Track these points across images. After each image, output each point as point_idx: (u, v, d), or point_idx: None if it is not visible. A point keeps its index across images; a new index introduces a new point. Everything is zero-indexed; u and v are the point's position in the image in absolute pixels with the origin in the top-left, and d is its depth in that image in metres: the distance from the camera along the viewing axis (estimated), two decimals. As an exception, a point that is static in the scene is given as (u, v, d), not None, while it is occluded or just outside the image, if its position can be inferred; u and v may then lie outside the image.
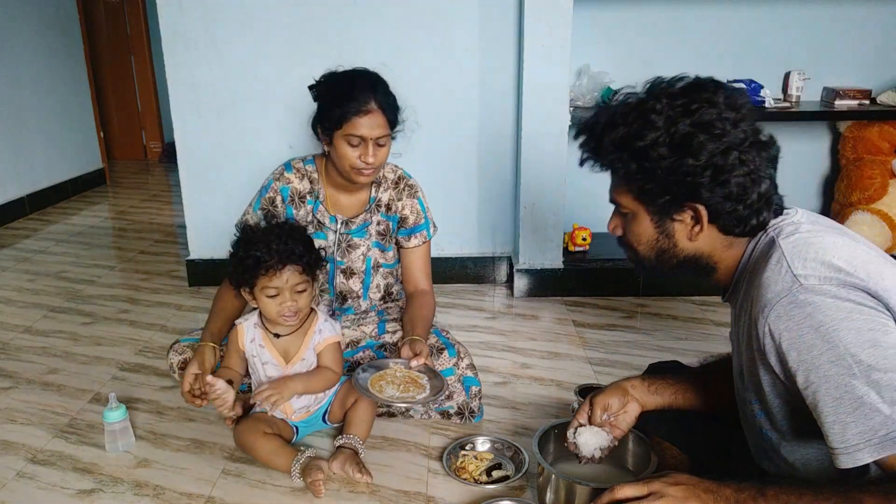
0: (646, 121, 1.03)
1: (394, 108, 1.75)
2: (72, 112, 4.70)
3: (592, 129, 1.12)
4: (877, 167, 2.76)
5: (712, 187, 1.02)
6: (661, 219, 1.09)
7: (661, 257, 1.13)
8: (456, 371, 1.85)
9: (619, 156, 1.06)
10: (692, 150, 1.01)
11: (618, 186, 1.13)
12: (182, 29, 2.65)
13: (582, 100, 2.80)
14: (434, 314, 1.95)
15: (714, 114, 1.01)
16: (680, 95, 1.04)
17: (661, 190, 1.05)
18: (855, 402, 0.90)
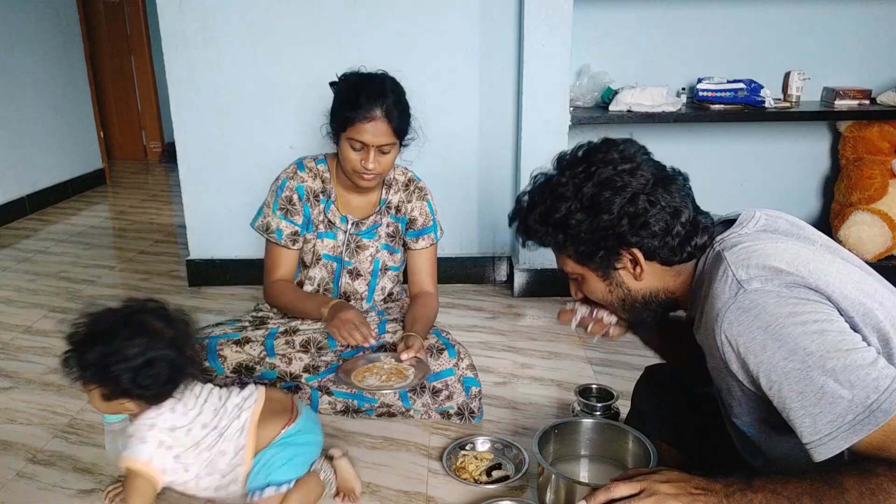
0: (556, 195, 1.13)
1: (402, 118, 1.75)
2: (72, 112, 4.70)
3: (517, 214, 1.23)
4: (877, 167, 2.76)
5: (635, 231, 1.10)
6: (606, 272, 1.17)
7: (624, 304, 1.20)
8: (456, 371, 1.85)
9: (545, 230, 1.16)
10: (602, 206, 1.10)
11: (559, 257, 1.22)
12: (182, 29, 2.65)
13: (582, 100, 2.80)
14: (436, 316, 1.96)
15: (610, 171, 1.11)
16: (579, 163, 1.14)
17: (593, 248, 1.13)
18: (817, 392, 0.92)
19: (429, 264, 2.00)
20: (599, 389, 1.87)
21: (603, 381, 2.00)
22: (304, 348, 1.91)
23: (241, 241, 2.92)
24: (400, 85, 1.80)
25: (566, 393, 2.04)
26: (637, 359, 2.26)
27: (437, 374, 1.85)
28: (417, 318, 1.87)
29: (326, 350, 1.93)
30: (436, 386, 1.85)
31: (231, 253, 2.94)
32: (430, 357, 1.85)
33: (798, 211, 3.09)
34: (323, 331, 1.95)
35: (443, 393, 1.86)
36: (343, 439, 1.83)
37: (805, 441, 0.94)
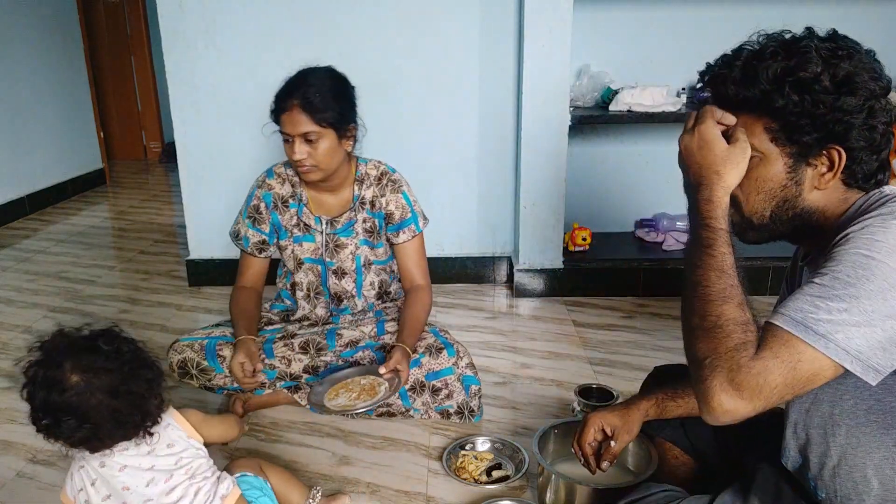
0: (805, 56, 1.00)
1: (324, 106, 1.74)
2: (72, 112, 4.70)
3: (732, 62, 1.07)
4: (877, 167, 2.76)
5: (862, 131, 0.99)
6: (798, 162, 1.03)
7: (779, 209, 1.06)
8: (455, 370, 1.85)
9: (778, 88, 1.00)
10: (854, 87, 0.98)
11: (749, 127, 1.05)
12: (182, 29, 2.65)
13: (582, 100, 2.80)
14: (428, 311, 1.94)
15: (866, 59, 1.02)
16: (827, 40, 1.04)
17: (814, 127, 1.00)
18: (842, 299, 0.88)
19: (416, 257, 1.97)
20: (599, 389, 1.87)
21: (603, 381, 2.00)
22: (303, 350, 1.92)
23: (241, 241, 2.92)
24: (335, 75, 1.82)
25: (566, 393, 2.04)
26: (637, 359, 2.26)
27: (437, 372, 1.85)
28: (406, 323, 1.87)
29: (326, 350, 1.93)
30: (435, 384, 1.85)
31: (231, 253, 2.94)
32: (429, 356, 1.86)
33: (798, 211, 3.09)
34: (321, 332, 1.96)
35: (442, 391, 1.86)
36: (343, 439, 1.83)
37: (792, 305, 0.91)
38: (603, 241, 2.95)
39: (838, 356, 0.87)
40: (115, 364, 1.14)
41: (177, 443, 1.23)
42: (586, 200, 2.98)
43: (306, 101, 1.73)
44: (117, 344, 1.16)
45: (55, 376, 1.13)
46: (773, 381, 0.87)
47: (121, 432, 1.15)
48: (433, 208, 2.48)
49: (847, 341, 0.87)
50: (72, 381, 1.12)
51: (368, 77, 1.85)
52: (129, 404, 1.14)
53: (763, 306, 1.76)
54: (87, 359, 1.13)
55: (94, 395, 1.11)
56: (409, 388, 1.86)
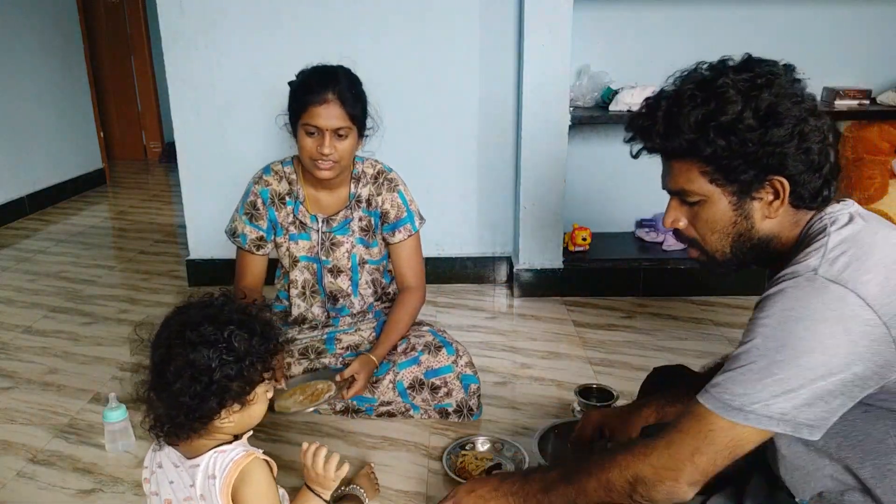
0: (723, 97, 0.98)
1: (355, 102, 1.74)
2: (72, 112, 4.70)
3: (654, 114, 1.05)
4: (877, 167, 2.76)
5: (797, 156, 0.98)
6: (741, 198, 1.03)
7: (737, 243, 1.07)
8: (454, 368, 1.86)
9: (703, 135, 0.99)
10: (780, 118, 0.97)
11: (684, 172, 1.05)
12: (182, 29, 2.65)
13: (582, 100, 2.80)
14: (414, 314, 1.95)
15: (783, 82, 0.99)
16: (742, 70, 1.01)
17: (748, 165, 0.99)
18: (750, 361, 0.93)
19: (410, 258, 1.96)
20: (599, 389, 1.87)
21: (603, 381, 2.00)
22: (303, 355, 1.92)
23: (241, 241, 2.92)
24: (355, 74, 1.80)
25: (566, 393, 2.04)
26: (637, 359, 2.26)
27: (436, 370, 1.86)
28: (385, 328, 1.89)
29: (326, 354, 1.93)
30: (434, 382, 1.86)
31: (231, 253, 2.92)
32: (428, 354, 1.86)
33: (798, 211, 3.09)
34: (320, 337, 1.96)
35: (441, 389, 1.86)
36: (343, 439, 1.83)
37: (711, 382, 0.97)
38: (603, 241, 2.95)
39: (761, 423, 0.91)
40: (208, 343, 1.07)
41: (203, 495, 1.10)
42: (586, 200, 2.98)
43: (342, 96, 1.71)
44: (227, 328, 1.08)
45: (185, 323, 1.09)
46: (684, 453, 0.96)
47: (168, 421, 1.09)
48: (433, 208, 2.48)
49: (766, 408, 0.91)
50: (189, 335, 1.07)
51: (368, 77, 1.85)
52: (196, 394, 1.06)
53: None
54: (215, 331, 1.07)
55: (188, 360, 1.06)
56: (407, 385, 1.86)
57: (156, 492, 1.18)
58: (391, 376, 1.87)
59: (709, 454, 0.95)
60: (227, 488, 1.07)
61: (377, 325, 1.99)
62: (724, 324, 2.51)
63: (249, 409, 1.12)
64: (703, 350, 2.31)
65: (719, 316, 2.59)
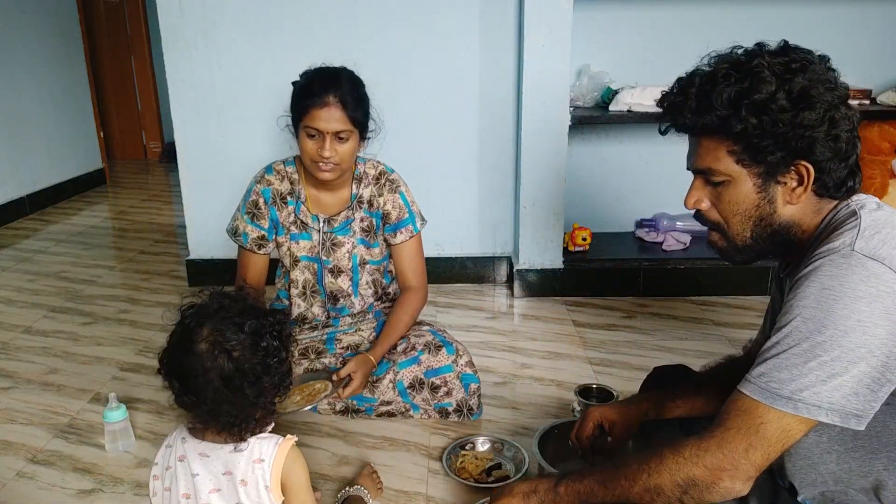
0: (758, 77, 0.99)
1: (356, 105, 1.74)
2: (72, 112, 4.70)
3: (687, 90, 1.05)
4: (877, 167, 2.76)
5: (826, 142, 0.99)
6: (766, 181, 1.04)
7: (758, 227, 1.07)
8: (454, 368, 1.86)
9: (735, 112, 1.00)
10: (811, 102, 0.98)
11: (712, 151, 1.05)
12: (182, 29, 2.65)
13: (582, 100, 2.80)
14: (414, 315, 1.95)
15: (820, 69, 1.01)
16: (778, 54, 1.02)
17: (777, 146, 1.00)
18: (796, 350, 0.92)
19: (411, 258, 1.97)
20: (599, 389, 1.87)
21: (603, 381, 2.00)
22: (303, 355, 1.92)
23: (241, 241, 2.92)
24: (358, 77, 1.80)
25: (566, 393, 2.04)
26: (637, 359, 2.26)
27: (436, 370, 1.86)
28: (385, 327, 1.89)
29: (326, 354, 1.93)
30: (434, 382, 1.86)
31: (231, 253, 2.93)
32: (428, 353, 1.86)
33: (798, 211, 3.09)
34: (320, 338, 1.96)
35: (441, 389, 1.86)
36: (343, 439, 1.83)
37: (754, 373, 0.96)
38: (603, 241, 2.95)
39: (811, 413, 0.90)
40: (246, 354, 1.07)
41: (251, 490, 1.11)
42: (586, 200, 2.98)
43: (343, 99, 1.71)
44: (264, 337, 1.09)
45: (190, 334, 1.08)
46: (737, 451, 0.94)
47: (214, 422, 1.10)
48: (433, 208, 2.48)
49: (815, 397, 0.90)
50: (199, 347, 1.06)
51: (369, 77, 1.85)
52: (235, 400, 1.07)
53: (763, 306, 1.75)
54: (225, 335, 1.07)
55: (209, 372, 1.06)
56: (407, 385, 1.86)
57: (168, 487, 1.17)
58: (391, 376, 1.87)
59: (762, 448, 0.93)
60: (278, 470, 1.11)
61: (377, 325, 1.99)
62: (724, 324, 2.51)
63: None
64: (703, 350, 2.31)
65: (719, 316, 2.59)
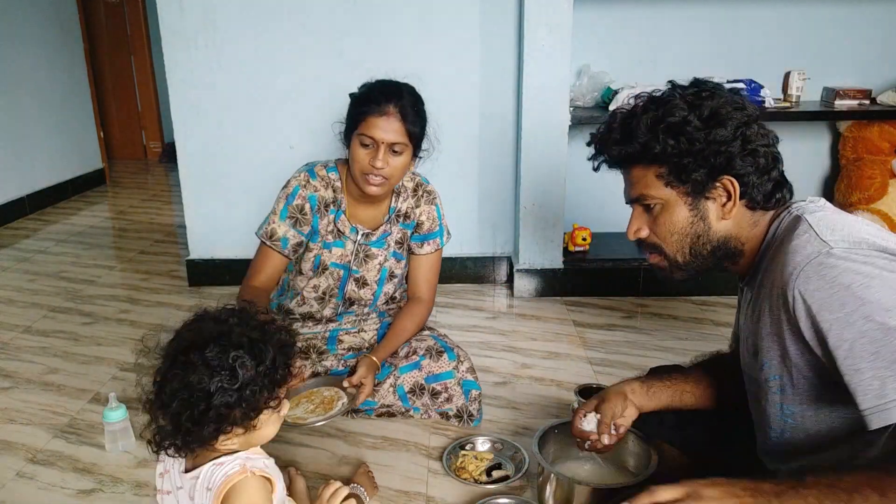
0: (670, 104, 1.10)
1: (415, 119, 1.71)
2: (72, 112, 4.70)
3: (611, 125, 1.16)
4: (877, 167, 2.76)
5: (744, 156, 1.07)
6: (696, 199, 1.11)
7: (696, 245, 1.14)
8: (455, 374, 1.85)
9: (654, 136, 1.09)
10: (721, 120, 1.07)
11: (642, 179, 1.15)
12: (182, 29, 2.65)
13: (582, 100, 2.80)
14: (420, 326, 1.94)
15: (726, 95, 1.11)
16: (689, 87, 1.13)
17: (698, 164, 1.08)
18: (893, 354, 0.89)
19: (429, 270, 1.97)
20: (599, 389, 1.87)
21: (603, 381, 2.00)
22: (304, 354, 1.91)
23: (241, 241, 2.91)
24: (419, 93, 1.77)
25: (566, 393, 2.04)
26: (637, 359, 2.26)
27: (437, 375, 1.85)
28: (389, 332, 1.87)
29: (327, 355, 1.93)
30: (435, 388, 1.85)
31: (231, 253, 2.94)
32: (430, 359, 1.86)
33: (798, 211, 3.09)
34: (322, 336, 1.95)
35: (442, 395, 1.86)
36: (343, 439, 1.83)
37: (865, 406, 0.90)
38: (603, 241, 2.95)
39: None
40: (209, 368, 1.01)
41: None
42: (586, 200, 2.97)
43: (403, 111, 1.68)
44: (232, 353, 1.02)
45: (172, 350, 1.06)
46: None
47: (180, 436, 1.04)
48: (433, 208, 2.48)
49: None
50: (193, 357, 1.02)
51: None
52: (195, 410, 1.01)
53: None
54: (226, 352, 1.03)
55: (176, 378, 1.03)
56: (408, 389, 1.86)
57: (169, 490, 1.15)
58: (392, 380, 1.87)
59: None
60: (218, 499, 1.04)
61: (381, 325, 1.98)
62: (724, 324, 2.51)
63: (255, 433, 1.08)
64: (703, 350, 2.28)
65: (719, 316, 2.59)
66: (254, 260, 1.87)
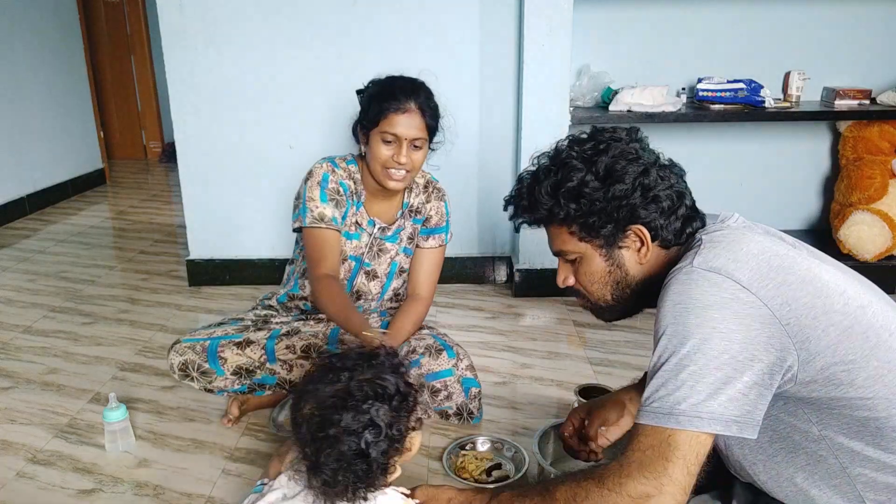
0: (568, 166, 1.13)
1: (433, 114, 1.76)
2: (72, 112, 4.70)
3: (519, 192, 1.22)
4: (877, 167, 2.76)
5: (646, 205, 1.11)
6: (609, 250, 1.16)
7: (616, 290, 1.18)
8: (455, 372, 1.85)
9: (556, 202, 1.14)
10: (617, 176, 1.10)
11: (558, 236, 1.20)
12: (182, 29, 2.65)
13: (582, 100, 2.80)
14: (418, 324, 1.94)
15: (622, 145, 1.13)
16: (586, 141, 1.16)
17: (603, 220, 1.12)
18: (671, 370, 0.96)
19: (432, 266, 1.98)
20: (599, 389, 1.87)
21: (603, 381, 2.00)
22: (304, 354, 1.91)
23: (241, 240, 2.92)
24: (430, 88, 1.81)
25: (566, 393, 2.04)
26: (637, 359, 2.26)
27: (436, 374, 1.85)
28: (390, 335, 1.84)
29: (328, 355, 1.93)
30: (435, 385, 1.85)
31: (231, 253, 2.94)
32: (429, 357, 1.86)
33: (798, 211, 3.09)
34: (323, 335, 1.95)
35: (441, 393, 1.86)
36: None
37: (642, 399, 1.00)
38: (603, 241, 2.95)
39: (693, 425, 0.93)
40: (353, 434, 1.06)
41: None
42: (586, 200, 2.98)
43: (423, 106, 1.72)
44: (363, 406, 1.07)
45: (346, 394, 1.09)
46: (657, 470, 0.94)
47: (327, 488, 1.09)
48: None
49: (694, 409, 0.93)
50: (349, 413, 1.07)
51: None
52: (359, 471, 1.07)
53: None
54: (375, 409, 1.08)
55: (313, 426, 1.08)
56: None
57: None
58: (392, 378, 1.87)
59: (679, 463, 0.94)
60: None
61: (382, 324, 1.98)
62: (724, 324, 2.51)
63: (409, 453, 1.19)
64: (703, 350, 2.31)
65: (719, 316, 2.59)
66: (311, 250, 1.79)
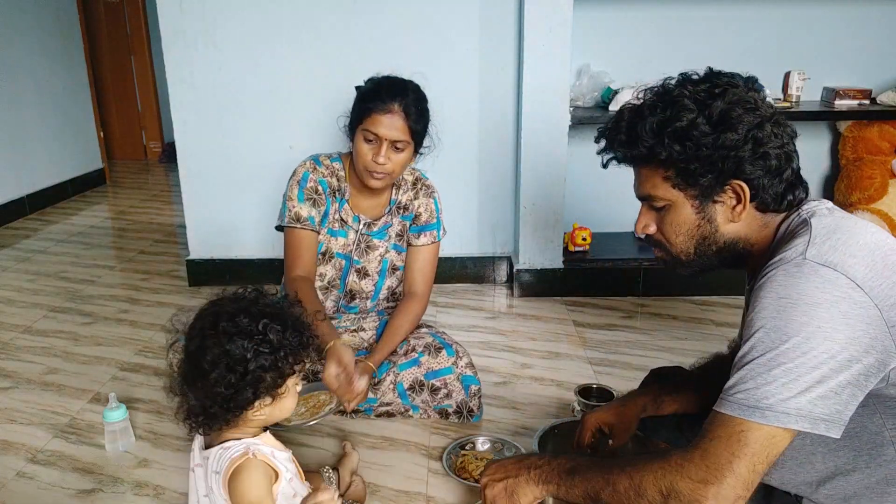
0: (679, 105, 1.04)
1: (419, 119, 1.75)
2: (72, 112, 4.70)
3: (618, 124, 1.12)
4: (877, 167, 2.76)
5: (754, 160, 1.03)
6: (703, 202, 1.08)
7: (702, 245, 1.11)
8: (455, 370, 1.85)
9: (659, 140, 1.05)
10: (731, 123, 1.02)
11: (650, 178, 1.11)
12: (182, 29, 2.65)
13: (582, 100, 2.80)
14: (415, 322, 1.94)
15: (741, 92, 1.05)
16: (702, 82, 1.07)
17: (706, 169, 1.04)
18: (762, 365, 0.92)
19: (426, 263, 1.98)
20: (599, 389, 1.87)
21: (603, 381, 2.00)
22: None
23: (241, 240, 2.92)
24: (423, 92, 1.80)
25: (566, 393, 2.04)
26: (637, 359, 2.26)
27: (436, 371, 1.86)
28: (385, 333, 1.86)
29: (326, 357, 1.93)
30: (434, 384, 1.86)
31: (231, 253, 2.94)
32: (428, 355, 1.86)
33: (798, 211, 3.09)
34: None
35: (441, 391, 1.86)
36: (343, 439, 1.83)
37: (725, 387, 0.97)
38: (603, 241, 2.95)
39: (779, 421, 0.90)
40: (244, 334, 1.11)
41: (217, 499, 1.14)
42: (586, 200, 2.97)
43: (407, 109, 1.72)
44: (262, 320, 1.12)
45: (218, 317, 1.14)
46: (721, 461, 0.92)
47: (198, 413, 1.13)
48: (433, 208, 2.48)
49: (783, 405, 0.90)
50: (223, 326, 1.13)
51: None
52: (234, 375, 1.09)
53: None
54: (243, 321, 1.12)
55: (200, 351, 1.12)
56: (407, 386, 1.86)
57: (193, 467, 1.21)
58: (391, 377, 1.87)
59: (746, 459, 0.91)
60: (225, 482, 1.11)
61: (380, 323, 1.98)
62: (724, 324, 2.51)
63: (280, 402, 1.16)
64: (703, 350, 2.31)
65: (719, 316, 2.59)
66: (287, 250, 1.86)
